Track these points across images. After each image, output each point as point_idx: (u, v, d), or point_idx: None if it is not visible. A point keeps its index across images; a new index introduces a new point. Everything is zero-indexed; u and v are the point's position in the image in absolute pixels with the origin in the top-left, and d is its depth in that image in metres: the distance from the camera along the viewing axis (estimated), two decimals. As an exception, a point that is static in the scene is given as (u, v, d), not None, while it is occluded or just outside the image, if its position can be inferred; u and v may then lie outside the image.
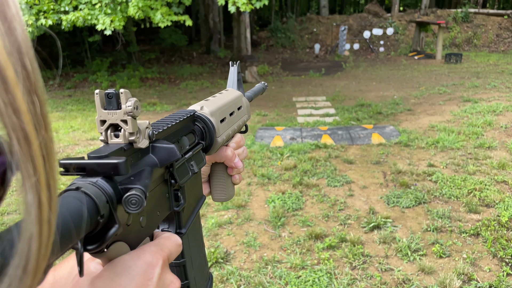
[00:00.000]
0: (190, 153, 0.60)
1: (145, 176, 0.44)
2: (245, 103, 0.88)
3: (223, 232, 3.64)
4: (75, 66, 15.22)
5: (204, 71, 13.80)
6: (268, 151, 5.57)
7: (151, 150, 0.50)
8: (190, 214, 0.62)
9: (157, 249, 0.45)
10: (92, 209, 0.37)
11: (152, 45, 21.38)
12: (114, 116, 0.44)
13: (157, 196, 0.52)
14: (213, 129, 0.68)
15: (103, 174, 0.40)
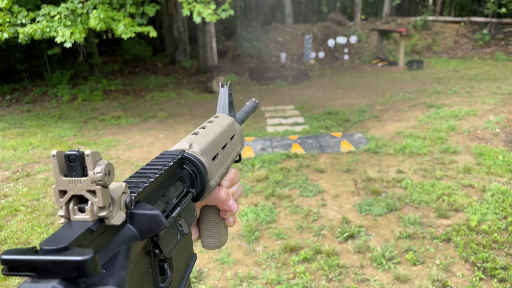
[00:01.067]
0: (178, 209, 0.49)
1: (120, 265, 0.34)
2: (238, 130, 0.77)
3: (195, 249, 3.51)
4: (33, 80, 14.64)
5: (170, 82, 13.60)
6: (239, 163, 5.48)
7: (128, 219, 0.40)
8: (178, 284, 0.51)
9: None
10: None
11: (115, 56, 20.93)
12: (78, 186, 0.34)
13: (138, 276, 0.41)
14: (205, 172, 0.56)
15: (62, 276, 0.30)
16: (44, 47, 15.12)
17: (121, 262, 0.35)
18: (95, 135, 7.47)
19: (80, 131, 7.79)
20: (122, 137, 7.22)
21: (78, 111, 9.65)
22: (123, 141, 6.98)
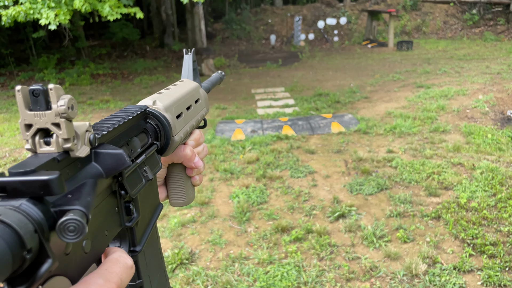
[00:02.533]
0: (143, 157, 0.51)
1: (86, 192, 0.35)
2: (202, 95, 0.78)
3: (186, 231, 3.51)
4: (19, 65, 14.36)
5: (158, 65, 13.43)
6: (230, 145, 5.46)
7: (93, 158, 0.40)
8: (145, 228, 0.52)
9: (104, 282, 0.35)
10: (14, 244, 0.28)
11: (103, 39, 20.57)
12: (43, 119, 0.35)
13: (104, 213, 0.42)
14: (169, 127, 0.58)
15: (30, 195, 0.31)
16: (29, 30, 14.78)
17: (87, 190, 0.35)
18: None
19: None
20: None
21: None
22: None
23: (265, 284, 2.78)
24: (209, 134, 5.97)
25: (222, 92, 9.25)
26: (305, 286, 2.75)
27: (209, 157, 5.07)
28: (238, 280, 2.86)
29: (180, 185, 0.70)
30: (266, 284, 2.78)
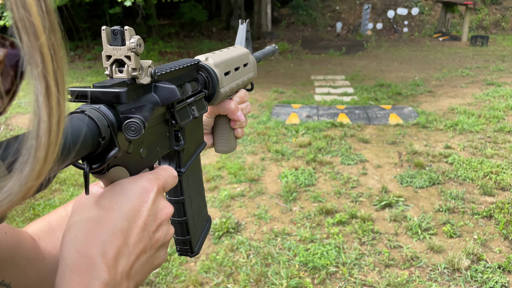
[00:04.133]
0: (192, 99, 0.62)
1: (145, 110, 0.47)
2: (251, 61, 0.88)
3: (235, 204, 3.69)
4: (95, 38, 15.29)
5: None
6: (284, 128, 5.56)
7: (153, 89, 0.52)
8: (190, 156, 0.64)
9: (154, 177, 0.47)
10: (94, 131, 0.40)
11: (173, 19, 21.27)
12: (118, 52, 0.46)
13: (158, 133, 0.54)
14: (217, 80, 0.69)
15: (106, 102, 0.43)
16: (106, 6, 15.65)
17: (146, 109, 0.47)
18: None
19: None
20: (173, 97, 7.48)
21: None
22: (175, 100, 7.24)
23: (304, 259, 2.89)
24: (264, 116, 6.10)
25: (281, 76, 9.32)
26: (343, 266, 2.83)
27: (262, 138, 5.21)
28: (279, 253, 3.00)
29: (224, 135, 0.82)
30: (305, 259, 2.89)
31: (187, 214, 0.63)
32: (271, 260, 2.92)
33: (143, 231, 0.44)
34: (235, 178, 4.16)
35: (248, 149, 4.92)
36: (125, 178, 0.47)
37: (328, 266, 2.83)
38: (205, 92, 0.68)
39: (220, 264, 2.89)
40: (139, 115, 0.44)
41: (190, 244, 0.64)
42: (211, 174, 4.23)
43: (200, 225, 0.69)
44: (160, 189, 0.47)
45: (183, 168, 0.61)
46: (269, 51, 1.05)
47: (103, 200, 0.44)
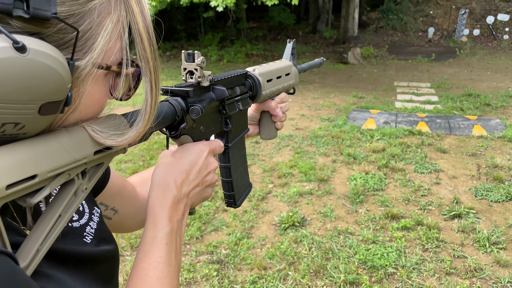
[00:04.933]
0: (239, 97, 0.88)
1: (204, 102, 0.73)
2: (293, 71, 1.12)
3: (303, 200, 3.90)
4: (189, 40, 16.38)
5: (307, 51, 13.92)
6: (359, 133, 5.63)
7: (211, 90, 0.78)
8: (235, 136, 0.90)
9: (207, 143, 0.74)
10: (172, 112, 0.67)
11: (261, 22, 21.93)
12: (190, 66, 0.72)
13: (213, 118, 0.81)
14: (259, 85, 0.94)
15: (181, 96, 0.70)
16: (201, 10, 16.70)
17: (205, 102, 0.73)
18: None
19: (220, 88, 8.71)
20: (255, 97, 7.87)
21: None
22: (256, 100, 7.63)
23: (363, 258, 3.02)
24: (340, 119, 6.21)
25: (363, 81, 9.28)
26: (402, 268, 2.91)
27: (336, 141, 5.34)
28: (339, 249, 3.15)
29: (267, 126, 1.07)
30: (365, 258, 3.01)
31: (232, 176, 0.88)
32: (332, 255, 3.09)
33: (198, 173, 0.69)
34: (305, 177, 4.36)
35: (320, 150, 5.09)
36: (190, 142, 0.73)
37: (387, 267, 2.92)
38: (250, 93, 0.93)
39: (284, 253, 3.13)
40: (199, 104, 0.70)
41: (234, 198, 0.90)
42: (283, 171, 4.48)
43: (243, 187, 0.94)
44: (210, 151, 0.73)
45: (230, 144, 0.87)
46: (315, 63, 1.27)
47: (176, 153, 0.70)
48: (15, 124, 0.40)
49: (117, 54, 0.49)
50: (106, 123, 0.51)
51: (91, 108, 0.50)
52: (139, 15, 0.49)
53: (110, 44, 0.47)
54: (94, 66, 0.46)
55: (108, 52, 0.48)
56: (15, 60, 0.36)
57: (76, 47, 0.43)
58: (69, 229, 0.58)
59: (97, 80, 0.48)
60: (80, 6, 0.43)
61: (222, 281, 2.85)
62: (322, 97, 7.88)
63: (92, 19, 0.44)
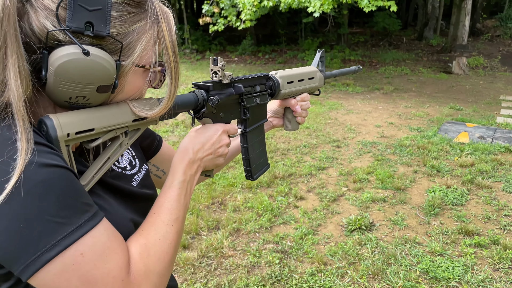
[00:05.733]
0: (258, 93, 1.09)
1: (223, 95, 0.95)
2: (318, 76, 1.30)
3: (374, 206, 3.94)
4: (289, 44, 16.79)
5: (408, 58, 13.40)
6: (448, 145, 5.41)
7: (232, 86, 1.00)
8: (253, 124, 1.11)
9: (223, 125, 0.96)
10: (195, 99, 0.90)
11: (365, 28, 21.53)
12: (215, 67, 0.94)
13: (233, 108, 1.03)
14: (278, 86, 1.14)
15: (204, 89, 0.93)
16: (303, 15, 17.03)
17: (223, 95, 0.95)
18: (323, 97, 8.40)
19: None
20: (344, 102, 7.91)
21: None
22: (345, 106, 7.66)
23: (426, 268, 3.00)
24: (431, 130, 6.00)
25: (464, 93, 8.74)
26: (466, 284, 2.84)
27: (421, 152, 5.21)
28: (403, 257, 3.17)
29: (289, 119, 1.27)
30: (427, 268, 3.00)
31: (249, 155, 1.10)
32: (394, 261, 3.12)
33: (211, 145, 0.92)
34: (382, 184, 4.37)
35: (403, 160, 5.02)
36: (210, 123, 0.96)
37: (450, 280, 2.88)
38: (269, 91, 1.14)
39: (346, 252, 3.24)
40: (217, 96, 0.92)
41: (251, 172, 1.12)
42: (359, 177, 4.54)
43: (260, 165, 1.16)
44: (224, 131, 0.95)
45: (247, 129, 1.08)
46: (349, 70, 1.43)
47: (198, 130, 0.94)
48: (83, 97, 0.67)
49: (150, 58, 0.75)
50: (142, 102, 0.77)
51: (133, 92, 0.76)
52: (167, 33, 0.74)
53: (145, 52, 0.72)
54: (133, 65, 0.72)
55: (143, 56, 0.73)
56: (82, 60, 0.63)
57: (121, 54, 0.69)
58: (122, 174, 0.86)
59: (136, 74, 0.74)
60: (125, 28, 0.69)
61: (283, 269, 3.06)
62: (416, 107, 7.63)
63: (133, 36, 0.70)
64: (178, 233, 0.77)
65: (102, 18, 0.65)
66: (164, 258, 0.72)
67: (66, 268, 0.60)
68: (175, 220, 0.77)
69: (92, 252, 0.62)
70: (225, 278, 2.96)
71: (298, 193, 4.22)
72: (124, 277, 0.65)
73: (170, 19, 0.76)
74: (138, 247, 0.70)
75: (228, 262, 3.14)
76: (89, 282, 0.61)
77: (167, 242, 0.73)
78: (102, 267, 0.63)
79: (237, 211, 3.88)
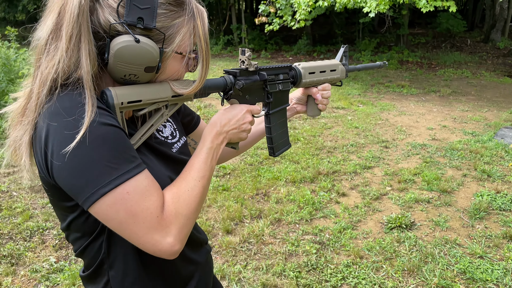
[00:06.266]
0: (281, 81, 1.25)
1: (248, 80, 1.12)
2: (340, 69, 1.44)
3: (417, 207, 3.94)
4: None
5: (471, 61, 12.82)
6: (504, 151, 5.22)
7: (258, 74, 1.16)
8: (275, 107, 1.27)
9: (248, 106, 1.13)
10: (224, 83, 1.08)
11: (427, 29, 20.76)
12: (242, 57, 1.11)
13: (258, 92, 1.20)
14: (300, 75, 1.30)
15: (232, 74, 1.10)
16: (361, 15, 16.81)
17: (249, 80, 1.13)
18: (375, 98, 8.33)
19: (364, 92, 8.83)
20: (397, 104, 7.80)
21: (370, 76, 10.72)
22: (397, 107, 7.56)
23: (464, 268, 3.00)
24: (486, 135, 5.81)
25: (528, 98, 8.27)
26: (504, 287, 2.81)
27: (473, 156, 5.08)
28: (441, 256, 3.17)
29: (311, 106, 1.41)
30: (465, 269, 2.99)
31: (272, 134, 1.26)
32: (431, 259, 3.14)
33: (236, 122, 1.08)
34: (427, 185, 4.34)
35: (453, 163, 4.93)
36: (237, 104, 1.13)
37: (488, 282, 2.86)
38: (291, 80, 1.29)
39: (383, 248, 3.30)
40: (243, 81, 1.09)
41: (273, 150, 1.28)
42: (405, 177, 4.53)
43: (282, 145, 1.32)
44: (248, 110, 1.11)
45: (270, 111, 1.25)
46: (373, 65, 1.55)
47: (227, 109, 1.11)
48: (134, 75, 0.87)
49: (187, 47, 0.93)
50: (179, 82, 0.96)
51: (172, 73, 0.95)
52: (201, 27, 0.93)
53: (182, 42, 0.91)
54: (173, 52, 0.91)
55: (181, 45, 0.92)
56: (134, 46, 0.83)
57: (164, 42, 0.89)
58: (164, 142, 1.07)
59: (175, 59, 0.93)
60: (167, 23, 0.88)
61: (319, 259, 3.19)
62: (473, 110, 7.36)
63: (173, 29, 0.89)
64: (204, 188, 0.95)
65: (150, 14, 0.85)
66: (190, 205, 0.91)
67: (115, 201, 0.80)
68: (202, 177, 0.95)
69: (135, 192, 0.82)
70: (263, 262, 3.14)
71: (341, 189, 4.30)
72: (159, 215, 0.85)
73: (204, 16, 0.94)
74: (171, 194, 0.90)
75: (267, 248, 3.32)
76: (132, 214, 0.82)
77: (194, 193, 0.92)
78: (142, 204, 0.82)
79: (279, 203, 4.05)
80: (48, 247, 3.32)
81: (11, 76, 6.39)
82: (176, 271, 1.04)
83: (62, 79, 0.82)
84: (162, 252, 0.86)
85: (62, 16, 0.80)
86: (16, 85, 6.16)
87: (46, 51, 0.82)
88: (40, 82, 0.82)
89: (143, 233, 0.83)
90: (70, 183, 0.80)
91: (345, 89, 9.06)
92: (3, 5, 22.95)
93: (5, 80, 6.17)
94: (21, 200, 4.06)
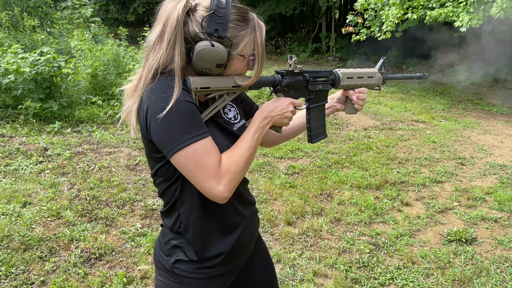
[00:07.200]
0: (320, 82, 1.52)
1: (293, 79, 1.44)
2: (377, 76, 1.68)
3: (483, 224, 3.90)
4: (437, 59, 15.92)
5: None
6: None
7: (301, 75, 1.47)
8: (315, 103, 1.54)
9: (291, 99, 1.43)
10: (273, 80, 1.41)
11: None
12: (290, 61, 1.43)
13: (301, 89, 1.49)
14: (339, 79, 1.57)
15: (280, 74, 1.43)
16: (444, 29, 15.99)
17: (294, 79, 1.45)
18: (460, 114, 8.05)
19: (449, 107, 8.56)
20: (483, 122, 7.48)
21: (459, 91, 10.29)
22: (483, 126, 7.26)
23: (519, 287, 2.98)
24: None
25: None
26: (560, 311, 2.76)
27: (557, 181, 4.80)
28: (497, 273, 3.17)
29: (349, 105, 1.65)
30: (520, 288, 2.97)
31: (311, 124, 1.55)
32: (486, 274, 3.15)
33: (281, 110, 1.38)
34: (498, 205, 4.24)
35: (532, 186, 4.72)
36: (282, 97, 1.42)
37: (542, 304, 2.83)
38: (330, 82, 1.56)
39: (438, 257, 3.37)
40: (288, 79, 1.41)
41: (311, 137, 1.57)
42: (475, 195, 4.46)
43: (319, 134, 1.59)
44: (291, 102, 1.40)
45: (311, 106, 1.53)
46: (412, 76, 1.77)
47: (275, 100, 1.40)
48: (208, 69, 1.24)
49: (248, 51, 1.27)
50: (240, 76, 1.31)
51: (235, 70, 1.29)
52: (260, 38, 1.27)
53: (245, 48, 1.25)
54: (237, 55, 1.25)
55: (244, 50, 1.26)
56: (210, 49, 1.19)
57: (231, 47, 1.24)
58: (228, 121, 1.42)
59: (239, 60, 1.27)
60: (235, 33, 1.22)
61: (371, 258, 3.36)
62: None
63: (239, 38, 1.23)
64: (250, 155, 1.28)
65: (223, 27, 1.21)
66: (239, 165, 1.25)
67: (188, 154, 1.17)
68: (249, 147, 1.29)
69: (202, 149, 1.18)
70: (317, 254, 3.40)
71: (405, 199, 4.38)
72: (216, 168, 1.20)
73: (263, 30, 1.29)
74: (226, 156, 1.25)
75: (323, 242, 3.57)
76: (198, 165, 1.18)
77: (243, 158, 1.26)
78: (206, 159, 1.19)
79: (341, 204, 4.26)
80: (136, 215, 3.92)
81: (119, 70, 7.36)
82: (227, 217, 1.39)
83: (161, 69, 1.21)
84: (215, 197, 1.21)
85: (166, 26, 1.20)
86: (122, 79, 7.09)
87: (153, 49, 1.22)
88: (147, 70, 1.23)
89: (204, 179, 1.19)
90: (159, 139, 1.19)
91: (428, 103, 8.85)
92: (117, 7, 25.56)
93: (114, 73, 7.14)
94: (118, 175, 4.77)
